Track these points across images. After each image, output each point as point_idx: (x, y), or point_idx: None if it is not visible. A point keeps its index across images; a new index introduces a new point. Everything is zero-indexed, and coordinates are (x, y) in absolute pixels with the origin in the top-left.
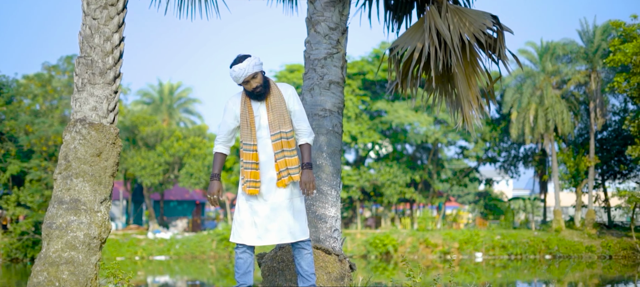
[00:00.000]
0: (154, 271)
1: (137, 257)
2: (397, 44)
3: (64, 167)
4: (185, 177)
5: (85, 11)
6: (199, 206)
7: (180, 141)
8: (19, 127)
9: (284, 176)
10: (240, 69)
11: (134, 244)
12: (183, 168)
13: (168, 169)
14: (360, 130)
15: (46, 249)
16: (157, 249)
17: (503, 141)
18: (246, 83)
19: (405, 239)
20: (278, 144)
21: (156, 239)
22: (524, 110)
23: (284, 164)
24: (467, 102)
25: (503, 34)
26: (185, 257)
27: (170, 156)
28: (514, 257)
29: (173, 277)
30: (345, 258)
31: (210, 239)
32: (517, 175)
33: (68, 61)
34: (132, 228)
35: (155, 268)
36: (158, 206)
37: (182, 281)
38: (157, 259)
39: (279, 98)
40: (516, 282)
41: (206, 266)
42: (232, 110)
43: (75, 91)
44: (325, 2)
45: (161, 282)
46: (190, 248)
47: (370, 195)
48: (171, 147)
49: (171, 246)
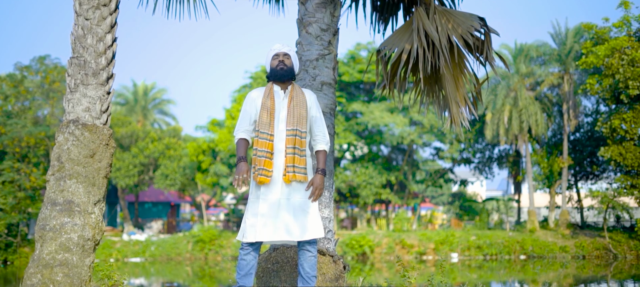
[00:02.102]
0: (129, 273)
1: (112, 260)
2: (385, 45)
3: (57, 168)
4: (160, 179)
5: (78, 11)
6: (174, 208)
7: (155, 142)
8: None
9: (289, 171)
10: (279, 45)
11: (109, 246)
12: (158, 169)
13: (143, 170)
14: (335, 131)
15: (40, 251)
16: (132, 251)
17: (477, 142)
18: (276, 58)
19: (382, 240)
20: (291, 140)
21: (131, 240)
22: (498, 112)
23: (292, 160)
24: (455, 103)
25: (490, 36)
26: (161, 259)
27: (145, 157)
28: (490, 257)
29: (149, 279)
30: (340, 259)
31: (185, 241)
32: (491, 176)
33: (41, 62)
34: (107, 230)
35: (130, 270)
36: (133, 207)
37: (157, 283)
38: (132, 261)
39: (302, 99)
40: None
41: (182, 268)
42: (254, 101)
43: (68, 92)
44: (317, 4)
45: (137, 284)
46: (165, 250)
47: (346, 196)
48: (146, 149)
49: (146, 247)
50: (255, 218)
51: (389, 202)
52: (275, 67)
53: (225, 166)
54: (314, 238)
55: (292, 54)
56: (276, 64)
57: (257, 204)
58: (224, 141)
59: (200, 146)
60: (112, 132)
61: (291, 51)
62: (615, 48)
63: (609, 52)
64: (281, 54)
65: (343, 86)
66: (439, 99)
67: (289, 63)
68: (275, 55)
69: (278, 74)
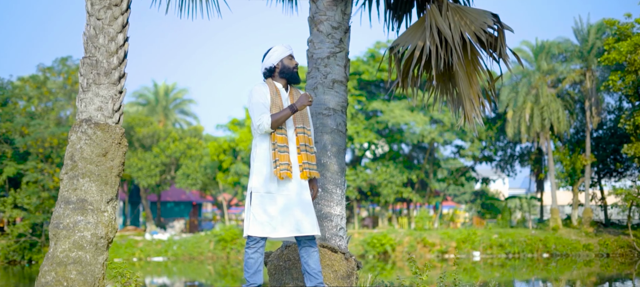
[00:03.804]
0: (152, 272)
1: (134, 259)
2: (397, 43)
3: (70, 167)
4: (181, 178)
5: (90, 12)
6: (196, 207)
7: (176, 142)
8: (15, 129)
9: (305, 168)
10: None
11: (132, 246)
12: (179, 169)
13: (164, 170)
14: (356, 130)
15: (54, 249)
16: (154, 250)
17: (499, 140)
18: (292, 58)
19: (403, 239)
20: (302, 138)
21: (154, 240)
22: (519, 110)
23: (306, 157)
24: (468, 100)
25: (504, 33)
26: (183, 258)
27: (167, 157)
28: (512, 256)
29: (171, 279)
30: (352, 256)
31: (207, 240)
32: (513, 174)
33: (63, 63)
34: (130, 229)
35: (153, 269)
36: (155, 207)
37: (180, 282)
38: (155, 261)
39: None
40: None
41: (204, 267)
42: (265, 93)
43: (80, 91)
44: (328, 2)
45: (159, 283)
46: (187, 249)
47: (367, 195)
48: (167, 148)
49: (169, 247)
50: (268, 215)
51: (410, 200)
52: (292, 68)
53: (246, 165)
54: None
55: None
56: (294, 65)
57: (271, 201)
58: (244, 140)
59: (221, 146)
60: (124, 131)
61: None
62: (638, 44)
63: (631, 49)
64: (293, 56)
65: (363, 85)
66: (452, 96)
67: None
68: (290, 56)
69: (294, 76)
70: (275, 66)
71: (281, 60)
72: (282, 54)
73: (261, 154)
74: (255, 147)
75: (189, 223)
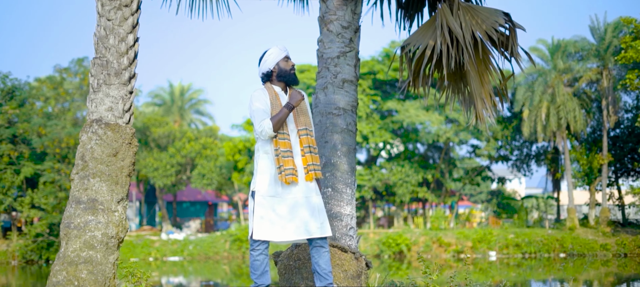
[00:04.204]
0: (168, 271)
1: (151, 259)
2: (408, 42)
3: (80, 167)
4: (197, 178)
5: (100, 12)
6: (212, 207)
7: (191, 142)
8: (32, 129)
9: (311, 170)
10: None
11: (148, 245)
12: (195, 169)
13: (180, 170)
14: (371, 130)
15: (65, 249)
16: (170, 250)
17: (515, 139)
18: (287, 60)
19: (419, 239)
20: (305, 139)
21: (170, 240)
22: (535, 109)
23: (311, 159)
24: (480, 99)
25: (515, 32)
26: (199, 258)
27: (182, 157)
28: (528, 255)
29: (187, 278)
30: (362, 256)
31: (223, 240)
32: (529, 173)
33: (79, 63)
34: (146, 229)
35: (169, 269)
36: (171, 207)
37: (196, 282)
38: (171, 260)
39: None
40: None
41: (220, 267)
42: (265, 99)
43: (90, 92)
44: (338, 1)
45: (175, 283)
46: (203, 249)
47: (383, 194)
48: (183, 148)
49: (185, 246)
50: (274, 217)
51: (425, 200)
52: (289, 70)
53: None
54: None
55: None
56: (291, 67)
57: (278, 204)
58: None
59: (237, 146)
60: (135, 131)
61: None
62: None
63: None
64: (289, 57)
65: (378, 84)
66: (464, 96)
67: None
68: (285, 58)
69: (291, 77)
70: (272, 70)
71: (277, 63)
72: (277, 57)
73: (265, 158)
74: (258, 151)
75: (205, 223)
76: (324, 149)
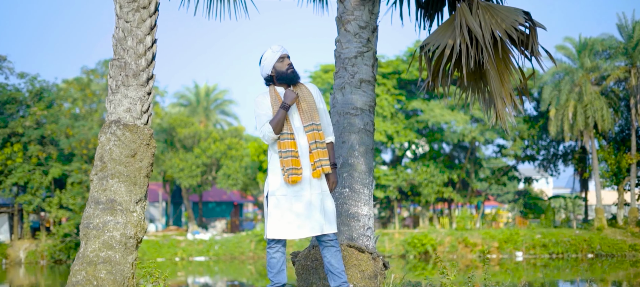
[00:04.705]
0: (194, 271)
1: (177, 258)
2: (428, 42)
3: (99, 168)
4: (222, 179)
5: (118, 14)
6: (237, 207)
7: (217, 143)
8: (60, 130)
9: (317, 166)
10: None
11: (174, 245)
12: (220, 169)
13: (206, 170)
14: (396, 129)
15: (84, 249)
16: (196, 250)
17: (542, 139)
18: (282, 61)
19: (444, 239)
20: (311, 136)
21: (195, 240)
22: (562, 108)
23: (318, 155)
24: (500, 99)
25: (536, 30)
26: (225, 257)
27: (208, 157)
28: (556, 256)
29: (213, 278)
30: (379, 256)
31: (248, 240)
32: (556, 173)
33: (106, 65)
34: (172, 229)
35: (195, 269)
36: (197, 207)
37: (222, 282)
38: (196, 260)
39: (308, 93)
40: (559, 281)
41: (245, 267)
42: (264, 104)
43: (109, 93)
44: (355, 1)
45: (201, 282)
46: (229, 249)
47: (408, 194)
48: (208, 149)
49: (210, 246)
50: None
51: (451, 200)
52: (286, 70)
53: None
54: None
55: (285, 52)
56: (286, 67)
57: (288, 203)
58: None
59: (262, 146)
60: (153, 132)
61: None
62: None
63: None
64: (285, 56)
65: (403, 84)
66: (484, 95)
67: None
68: (280, 58)
69: (290, 77)
70: (271, 74)
71: (273, 66)
72: (272, 60)
73: (275, 158)
74: (269, 151)
75: (230, 223)
76: (341, 149)
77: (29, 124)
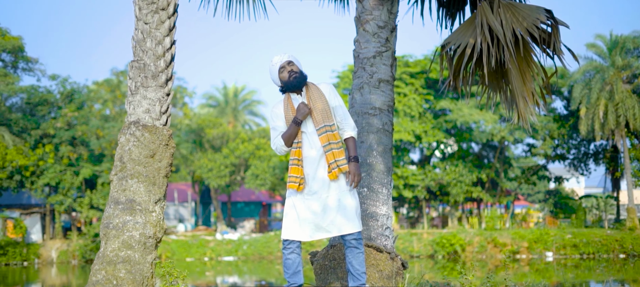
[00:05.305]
0: (222, 271)
1: (206, 258)
2: (449, 41)
3: (119, 168)
4: (251, 179)
5: (138, 16)
6: (266, 207)
7: (245, 143)
8: (91, 131)
9: (333, 167)
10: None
11: (203, 245)
12: (249, 170)
13: (234, 170)
14: (424, 129)
15: (104, 248)
16: (225, 249)
17: (572, 138)
18: (283, 71)
19: (473, 239)
20: (324, 138)
21: (224, 240)
22: (593, 106)
23: (332, 156)
24: (522, 98)
25: (558, 28)
26: (253, 257)
27: (236, 157)
28: (586, 256)
29: (241, 278)
30: (397, 256)
31: (277, 240)
32: (587, 172)
33: None
34: (201, 229)
35: (223, 269)
36: (226, 207)
37: (250, 281)
38: (225, 260)
39: (319, 94)
40: (590, 282)
41: (274, 267)
42: (279, 115)
43: (129, 94)
44: (374, 1)
45: (230, 282)
46: (257, 249)
47: (437, 194)
48: (237, 149)
49: (239, 246)
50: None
51: (480, 200)
52: (287, 79)
53: None
54: (359, 233)
55: (294, 57)
56: (287, 76)
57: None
58: None
59: None
60: (172, 132)
61: (291, 55)
62: None
63: None
64: (285, 64)
65: (430, 84)
66: (506, 95)
67: (297, 68)
68: (281, 69)
69: (293, 84)
70: (280, 85)
71: (278, 77)
72: (275, 72)
73: None
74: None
75: (259, 223)
76: (359, 149)
77: (60, 126)
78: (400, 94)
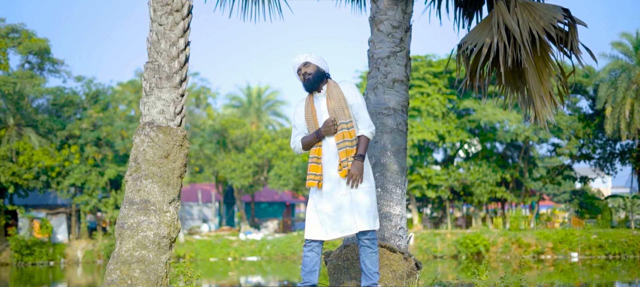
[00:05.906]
0: (246, 271)
1: (229, 258)
2: (465, 41)
3: (134, 169)
4: (274, 179)
5: (152, 18)
6: (289, 207)
7: (268, 143)
8: (115, 132)
9: (344, 165)
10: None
11: (227, 245)
12: (272, 170)
13: (257, 171)
14: (447, 129)
15: (119, 248)
16: (248, 250)
17: (597, 138)
18: (299, 72)
19: (497, 239)
20: (339, 135)
21: (248, 240)
22: (619, 105)
23: (345, 154)
24: (539, 97)
25: (575, 27)
26: (276, 257)
27: (259, 158)
28: (612, 257)
29: (265, 278)
30: (411, 256)
31: (300, 240)
32: (613, 172)
33: None
34: (225, 229)
35: (247, 269)
36: (249, 207)
37: (273, 281)
38: (248, 260)
39: (337, 93)
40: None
41: (297, 267)
42: (299, 115)
43: (143, 95)
44: (388, 1)
45: (253, 282)
46: (280, 249)
47: (460, 195)
48: (260, 150)
49: (262, 246)
50: (319, 217)
51: (504, 200)
52: (303, 82)
53: None
54: (373, 232)
55: (311, 57)
56: (302, 79)
57: (321, 204)
58: None
59: None
60: (186, 133)
61: (309, 56)
62: None
63: None
64: (301, 66)
65: (454, 83)
66: (523, 94)
67: (312, 69)
68: (298, 71)
69: (307, 86)
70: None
71: (298, 79)
72: (295, 75)
73: None
74: None
75: (282, 223)
76: (373, 149)
77: (86, 126)
78: (423, 93)
